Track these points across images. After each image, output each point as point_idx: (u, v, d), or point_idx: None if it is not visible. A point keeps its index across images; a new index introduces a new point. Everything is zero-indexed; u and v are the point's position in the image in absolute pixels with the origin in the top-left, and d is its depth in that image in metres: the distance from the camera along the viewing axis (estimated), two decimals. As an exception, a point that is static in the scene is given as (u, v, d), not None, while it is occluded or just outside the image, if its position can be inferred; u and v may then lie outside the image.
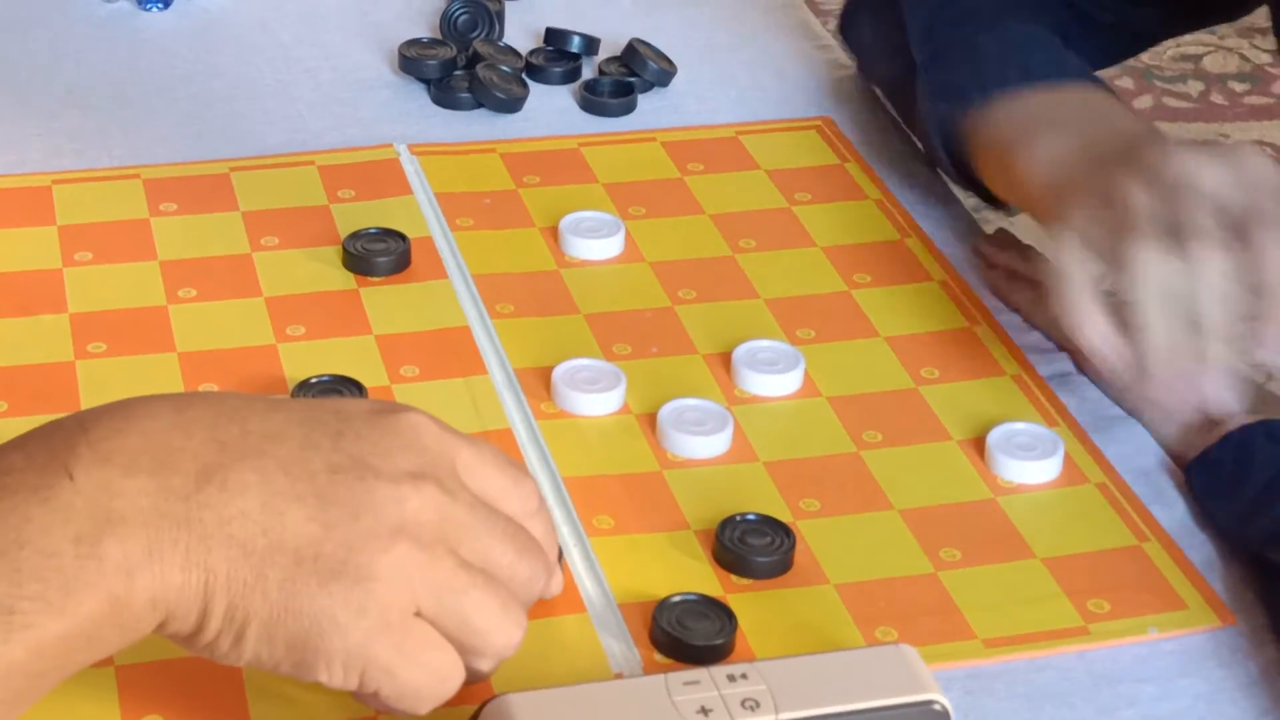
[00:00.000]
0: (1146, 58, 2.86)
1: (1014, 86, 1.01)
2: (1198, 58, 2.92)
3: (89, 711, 0.73)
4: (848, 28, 1.24)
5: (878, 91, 1.21)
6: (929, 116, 1.07)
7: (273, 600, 0.66)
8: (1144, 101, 2.81)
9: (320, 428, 0.69)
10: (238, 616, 0.66)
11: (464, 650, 0.69)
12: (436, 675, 0.68)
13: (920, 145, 1.13)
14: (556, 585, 0.77)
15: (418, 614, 0.68)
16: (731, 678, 0.69)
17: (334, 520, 0.67)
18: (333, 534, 0.66)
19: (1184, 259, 0.83)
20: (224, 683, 0.75)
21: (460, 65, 1.20)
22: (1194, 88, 2.86)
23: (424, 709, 0.69)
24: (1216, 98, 2.85)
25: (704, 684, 0.69)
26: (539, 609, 0.75)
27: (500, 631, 0.69)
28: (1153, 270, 0.84)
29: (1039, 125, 0.98)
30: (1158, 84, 2.86)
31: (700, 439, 0.89)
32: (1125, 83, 2.83)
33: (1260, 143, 2.73)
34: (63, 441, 0.66)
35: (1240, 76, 2.90)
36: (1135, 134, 0.95)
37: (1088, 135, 0.96)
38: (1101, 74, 1.05)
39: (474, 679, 0.71)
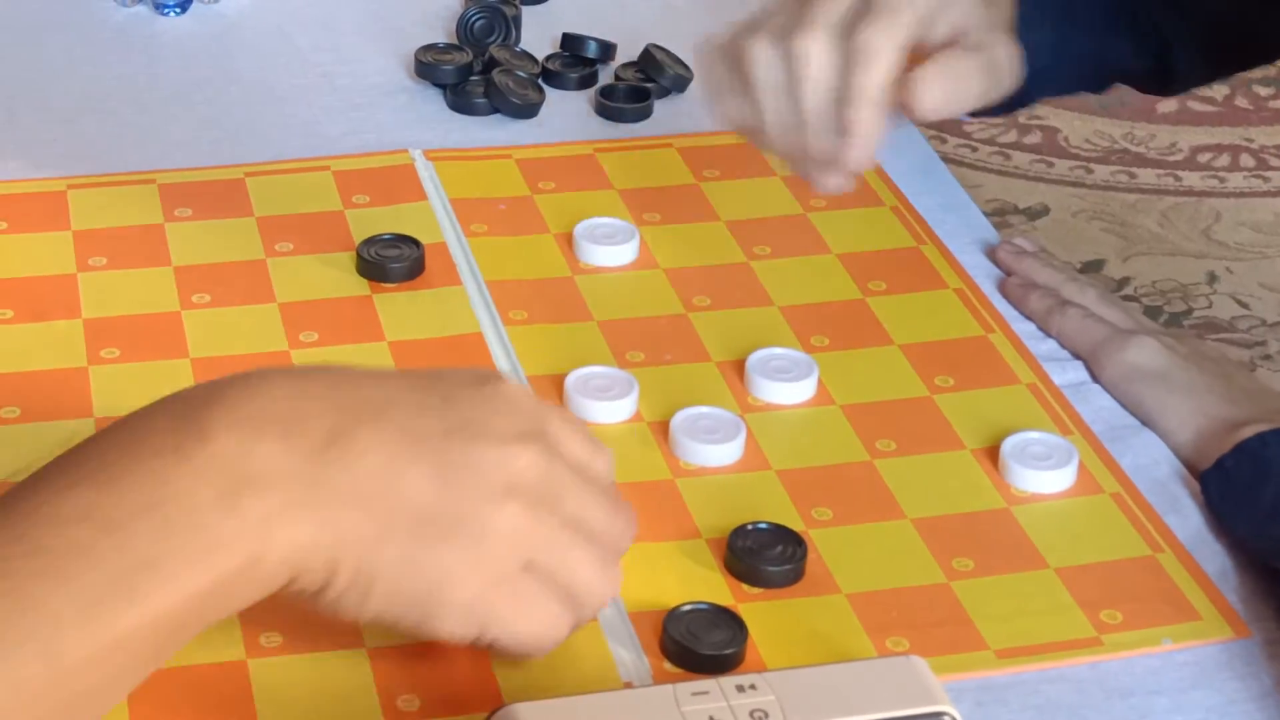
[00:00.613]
0: (1171, 61, 2.85)
1: None
2: (1222, 61, 2.91)
3: (97, 719, 0.73)
4: None
5: None
6: None
7: (396, 557, 0.69)
8: (1168, 105, 2.80)
9: (430, 393, 0.72)
10: (363, 574, 0.69)
11: (567, 602, 0.72)
12: (547, 624, 0.72)
13: None
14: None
15: (525, 568, 0.71)
16: (740, 688, 0.69)
17: (450, 480, 0.70)
18: (450, 493, 0.70)
19: (787, 52, 0.91)
20: (233, 690, 0.75)
21: (476, 70, 1.20)
22: (1219, 91, 2.85)
23: (539, 656, 0.73)
24: (1241, 101, 2.84)
25: (713, 694, 0.69)
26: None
27: (601, 584, 0.73)
28: (760, 64, 0.92)
29: None
30: (1182, 88, 2.85)
31: (712, 447, 0.88)
32: (1149, 86, 2.82)
33: (1284, 147, 2.73)
34: (200, 406, 0.69)
35: (1265, 80, 2.89)
36: None
37: None
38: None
39: (575, 627, 0.74)
